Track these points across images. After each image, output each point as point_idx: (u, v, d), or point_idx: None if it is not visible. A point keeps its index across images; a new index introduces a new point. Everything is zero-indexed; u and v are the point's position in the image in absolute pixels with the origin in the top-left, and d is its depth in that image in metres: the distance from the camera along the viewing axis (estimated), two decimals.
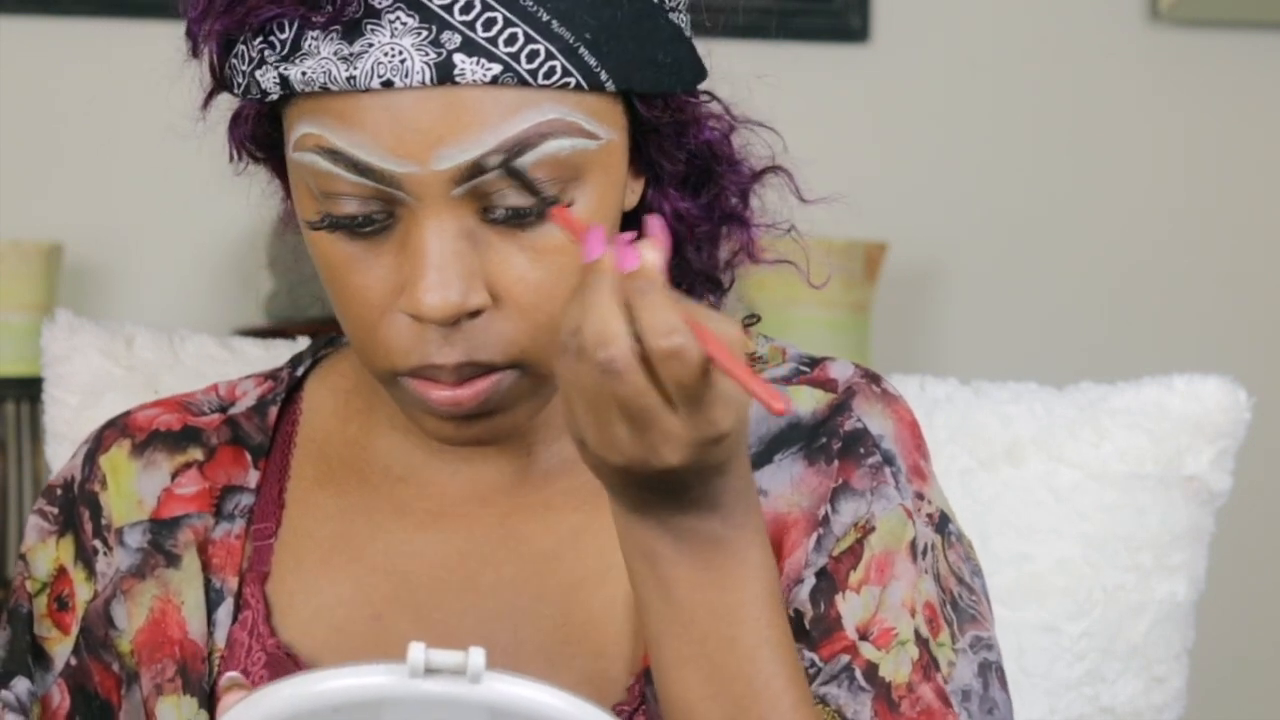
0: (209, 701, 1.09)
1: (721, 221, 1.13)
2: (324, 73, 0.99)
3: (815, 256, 1.18)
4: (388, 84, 0.98)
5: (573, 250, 1.00)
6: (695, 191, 1.12)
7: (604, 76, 1.01)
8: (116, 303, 2.74)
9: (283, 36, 1.00)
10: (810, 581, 1.07)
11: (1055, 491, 1.41)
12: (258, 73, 1.01)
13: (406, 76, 0.97)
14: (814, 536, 1.08)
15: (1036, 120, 2.81)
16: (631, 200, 1.09)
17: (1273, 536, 2.75)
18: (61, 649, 1.15)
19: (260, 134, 1.08)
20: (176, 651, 1.11)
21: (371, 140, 0.98)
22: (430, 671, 0.85)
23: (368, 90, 0.98)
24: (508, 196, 0.99)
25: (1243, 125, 2.82)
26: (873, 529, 1.08)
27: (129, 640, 1.13)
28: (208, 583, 1.11)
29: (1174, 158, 2.81)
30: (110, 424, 1.18)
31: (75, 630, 1.15)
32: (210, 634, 1.10)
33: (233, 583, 1.11)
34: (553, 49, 0.99)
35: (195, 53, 1.07)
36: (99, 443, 1.17)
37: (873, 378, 1.13)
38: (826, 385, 1.12)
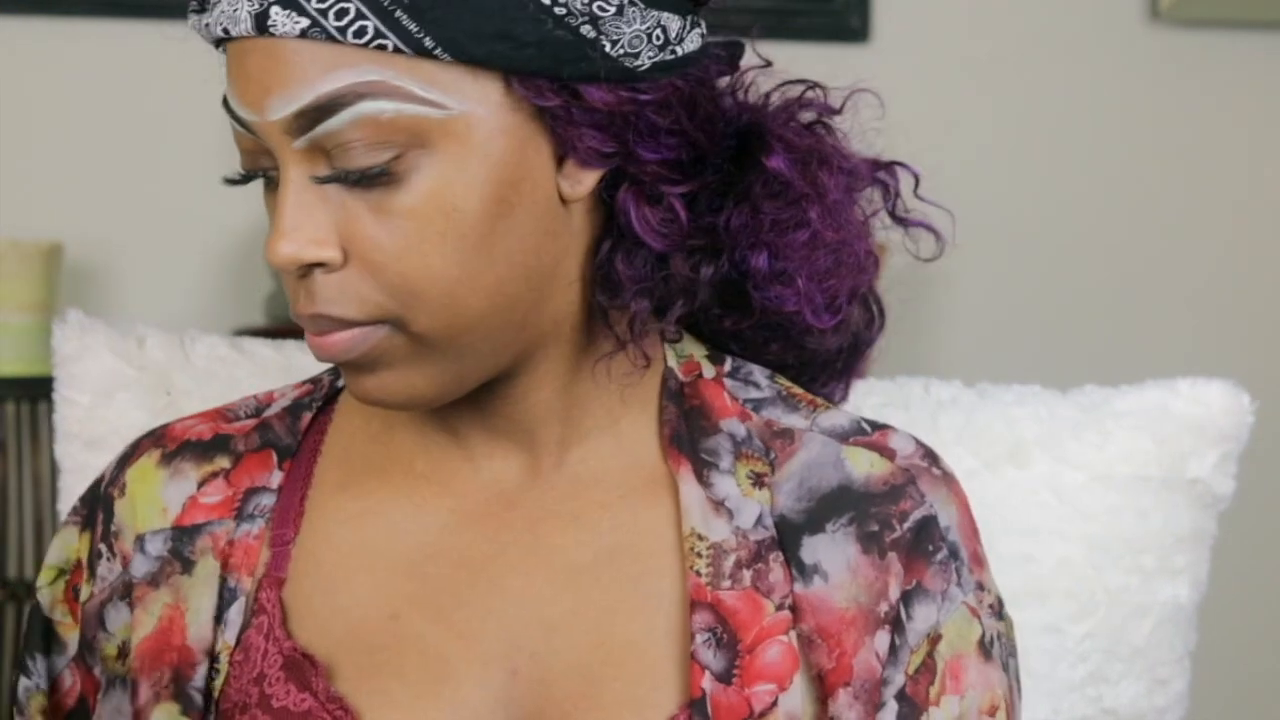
0: (192, 707, 1.10)
1: (754, 246, 1.13)
2: (199, 26, 1.05)
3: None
4: (226, 33, 1.02)
5: (420, 215, 1.01)
6: (717, 205, 1.12)
7: (430, 44, 1.00)
8: (117, 302, 2.74)
9: None
10: (893, 707, 1.08)
11: (1059, 493, 1.41)
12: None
13: (236, 25, 1.01)
14: (878, 638, 1.09)
15: (1036, 120, 2.81)
16: (575, 191, 1.07)
17: (1275, 540, 2.75)
18: (73, 636, 1.17)
19: None
20: (175, 658, 1.12)
21: (231, 88, 1.03)
22: None
23: (221, 41, 1.03)
24: (341, 157, 1.01)
25: (1243, 125, 2.82)
26: (939, 637, 1.09)
27: (117, 645, 1.14)
28: (223, 581, 1.12)
29: (1174, 158, 2.82)
30: (150, 433, 1.19)
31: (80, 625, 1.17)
32: (220, 632, 1.11)
33: (247, 583, 1.12)
34: (364, 9, 1.00)
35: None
36: (134, 449, 1.18)
37: (931, 457, 1.13)
38: (884, 453, 1.12)
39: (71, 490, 1.39)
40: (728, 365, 1.16)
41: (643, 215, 1.09)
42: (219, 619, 1.11)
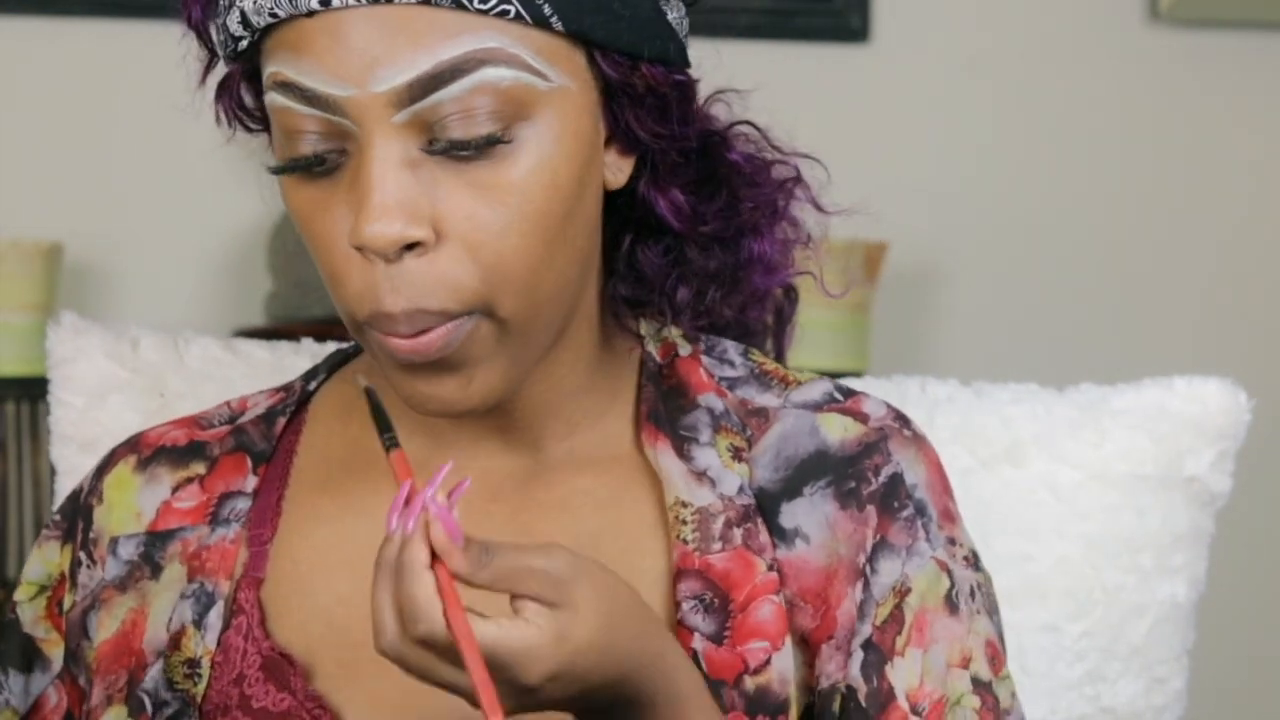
0: (139, 709, 1.10)
1: (740, 234, 1.14)
2: (273, 2, 1.00)
3: (830, 263, 1.19)
4: (326, 3, 0.98)
5: (523, 189, 1.00)
6: (709, 194, 1.12)
7: (549, 11, 1.00)
8: (116, 302, 2.74)
9: None
10: (859, 655, 1.08)
11: (1056, 492, 1.41)
12: (228, 20, 1.03)
13: None
14: (858, 588, 1.09)
15: (1036, 120, 2.81)
16: (617, 179, 1.08)
17: (1273, 538, 2.75)
18: (58, 652, 1.16)
19: (251, 105, 1.09)
20: (131, 662, 1.11)
21: (316, 64, 0.99)
22: None
23: (311, 14, 0.99)
24: (449, 127, 0.99)
25: (1243, 125, 2.82)
26: (908, 590, 1.09)
27: (94, 650, 1.13)
28: (200, 586, 1.11)
29: (1174, 158, 2.81)
30: (126, 441, 1.19)
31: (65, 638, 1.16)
32: (201, 637, 1.10)
33: (225, 587, 1.11)
34: None
35: (189, 24, 1.08)
36: (110, 458, 1.18)
37: (903, 419, 1.14)
38: (857, 417, 1.13)
39: (67, 492, 1.39)
40: (703, 344, 1.16)
41: (669, 204, 1.10)
42: (198, 624, 1.10)
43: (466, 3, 0.98)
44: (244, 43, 1.03)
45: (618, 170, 1.08)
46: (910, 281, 2.77)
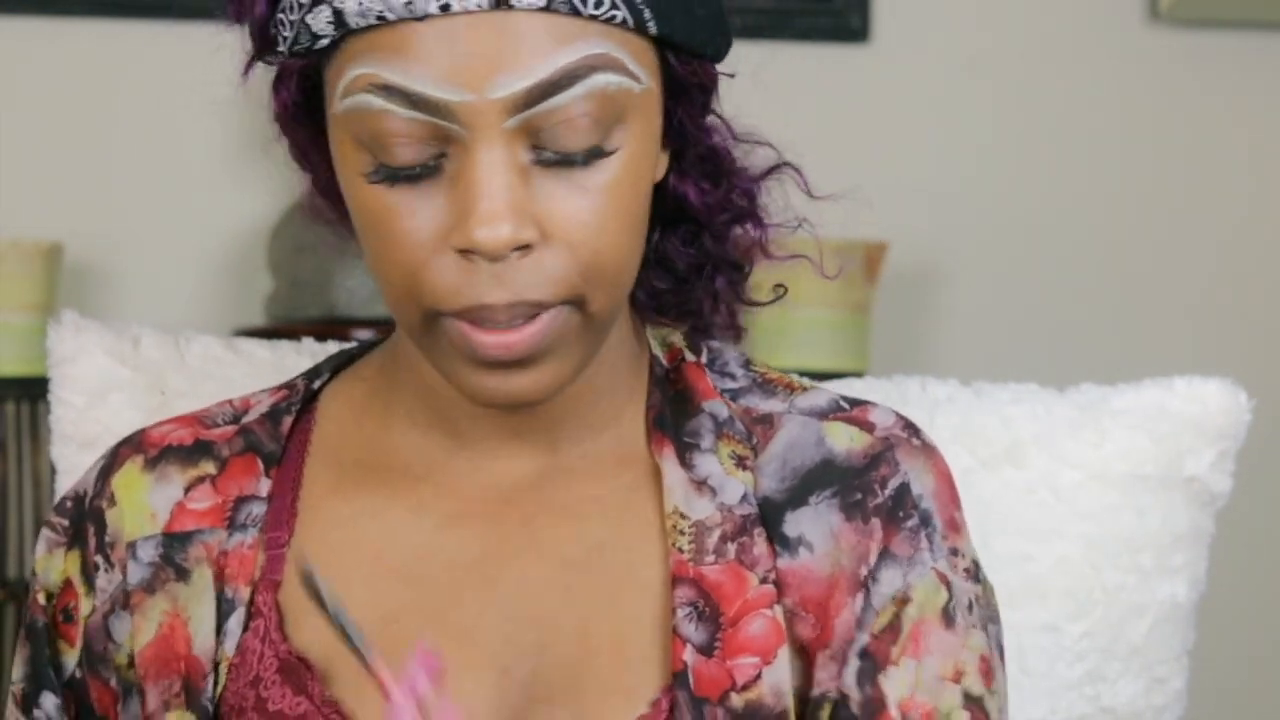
0: (209, 717, 1.10)
1: (735, 219, 1.14)
2: (381, 2, 0.99)
3: (825, 251, 1.19)
4: (445, 8, 0.98)
5: (616, 188, 1.01)
6: (713, 183, 1.13)
7: (648, 15, 1.02)
8: (116, 302, 2.74)
9: None
10: (854, 664, 1.08)
11: (1056, 492, 1.41)
12: (309, 16, 1.01)
13: (463, 0, 0.98)
14: (858, 600, 1.09)
15: (1036, 120, 2.81)
16: (659, 172, 1.09)
17: (1273, 538, 2.75)
18: (68, 660, 1.15)
19: (298, 102, 1.08)
20: (182, 667, 1.11)
21: (427, 69, 0.98)
22: None
23: (424, 18, 0.98)
24: (557, 132, 1.00)
25: (1243, 125, 2.82)
26: (908, 599, 1.09)
27: (127, 654, 1.13)
28: (220, 593, 1.11)
29: (1174, 158, 2.81)
30: (126, 441, 1.18)
31: (79, 644, 1.15)
32: (220, 644, 1.10)
33: (244, 592, 1.11)
34: None
35: (239, 16, 1.07)
36: (113, 459, 1.17)
37: (912, 429, 1.14)
38: (864, 427, 1.13)
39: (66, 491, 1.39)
40: (704, 355, 1.16)
41: (697, 194, 1.11)
42: (219, 631, 1.10)
43: (580, 8, 0.99)
44: (324, 41, 1.02)
45: (661, 164, 1.09)
46: (910, 281, 2.77)
